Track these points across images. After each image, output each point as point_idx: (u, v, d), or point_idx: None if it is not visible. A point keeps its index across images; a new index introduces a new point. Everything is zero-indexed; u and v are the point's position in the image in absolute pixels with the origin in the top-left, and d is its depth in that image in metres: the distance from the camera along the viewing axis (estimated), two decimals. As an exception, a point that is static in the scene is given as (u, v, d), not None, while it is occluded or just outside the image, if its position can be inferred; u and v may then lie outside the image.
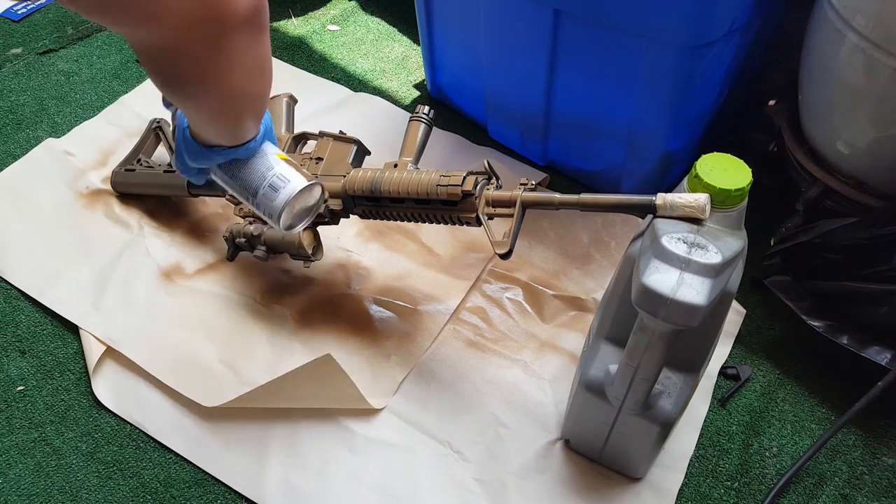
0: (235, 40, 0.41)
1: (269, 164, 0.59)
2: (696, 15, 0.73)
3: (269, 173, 0.59)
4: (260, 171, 0.59)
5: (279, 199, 0.59)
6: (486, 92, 1.00)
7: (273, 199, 0.59)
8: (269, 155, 0.60)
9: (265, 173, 0.59)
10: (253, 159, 0.59)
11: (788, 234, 0.81)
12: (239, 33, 0.40)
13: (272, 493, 0.71)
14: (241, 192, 0.61)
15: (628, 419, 0.63)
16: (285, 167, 0.60)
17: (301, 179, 0.60)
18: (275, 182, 0.59)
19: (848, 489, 0.73)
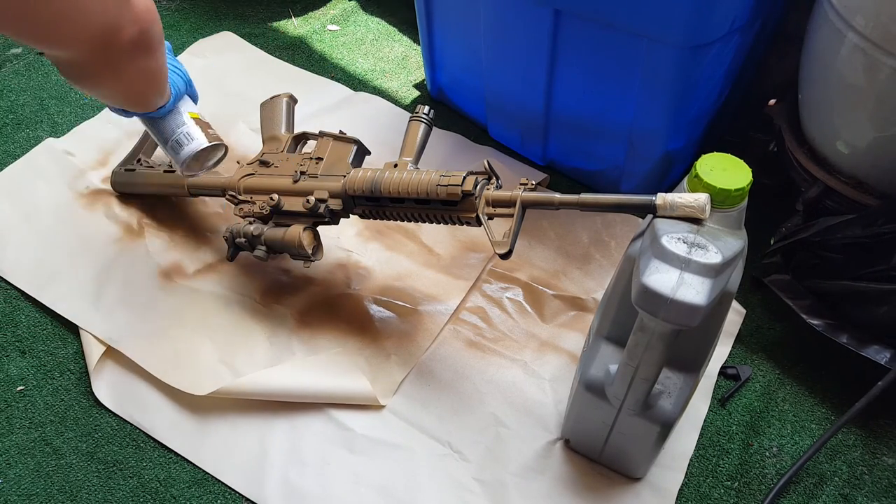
0: (125, 58, 0.56)
1: (178, 122, 0.74)
2: (696, 15, 0.73)
3: (177, 130, 0.73)
4: (170, 127, 0.73)
5: (183, 153, 0.74)
6: (486, 92, 1.00)
7: (178, 151, 0.74)
8: (181, 114, 0.74)
9: (174, 129, 0.73)
10: (166, 117, 0.73)
11: (788, 234, 0.81)
12: (127, 53, 0.55)
13: (272, 493, 0.71)
14: (158, 140, 0.75)
15: (628, 419, 0.63)
16: (192, 127, 0.74)
17: (202, 140, 0.74)
18: (180, 139, 0.74)
19: (848, 489, 0.73)
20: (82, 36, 0.50)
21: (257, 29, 1.24)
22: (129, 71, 0.58)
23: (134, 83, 0.62)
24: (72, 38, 0.49)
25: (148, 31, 0.56)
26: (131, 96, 0.66)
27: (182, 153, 0.74)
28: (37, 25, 0.46)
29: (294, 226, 0.76)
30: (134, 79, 0.60)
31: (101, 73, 0.57)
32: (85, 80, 0.58)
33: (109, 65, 0.55)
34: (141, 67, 0.59)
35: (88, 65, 0.55)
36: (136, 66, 0.58)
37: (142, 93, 0.66)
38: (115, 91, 0.63)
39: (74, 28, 0.48)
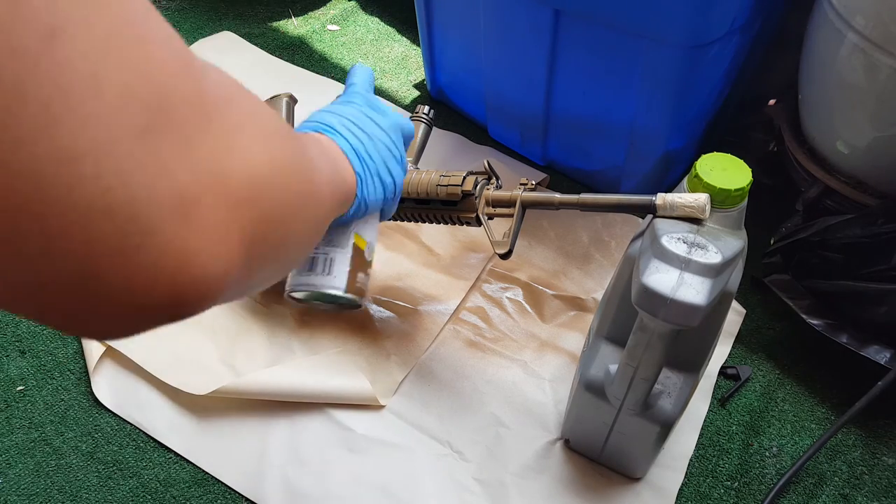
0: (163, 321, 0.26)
1: (334, 240, 0.52)
2: (696, 15, 0.73)
3: (322, 248, 0.51)
4: (325, 238, 0.51)
5: (301, 278, 0.52)
6: (486, 92, 1.00)
7: (300, 271, 0.52)
8: (346, 235, 0.52)
9: (320, 245, 0.51)
10: (335, 228, 0.51)
11: (788, 234, 0.81)
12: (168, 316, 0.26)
13: (272, 493, 0.71)
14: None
15: (628, 419, 0.63)
16: (342, 259, 0.52)
17: (337, 284, 0.51)
18: (317, 260, 0.51)
19: (848, 489, 0.73)
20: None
21: (257, 29, 1.24)
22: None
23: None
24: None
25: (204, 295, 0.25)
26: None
27: (301, 277, 0.52)
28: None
29: (294, 226, 0.75)
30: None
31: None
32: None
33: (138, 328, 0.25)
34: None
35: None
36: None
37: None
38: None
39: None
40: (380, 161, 0.48)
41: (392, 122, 0.51)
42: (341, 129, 0.46)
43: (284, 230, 0.29)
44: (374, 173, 0.47)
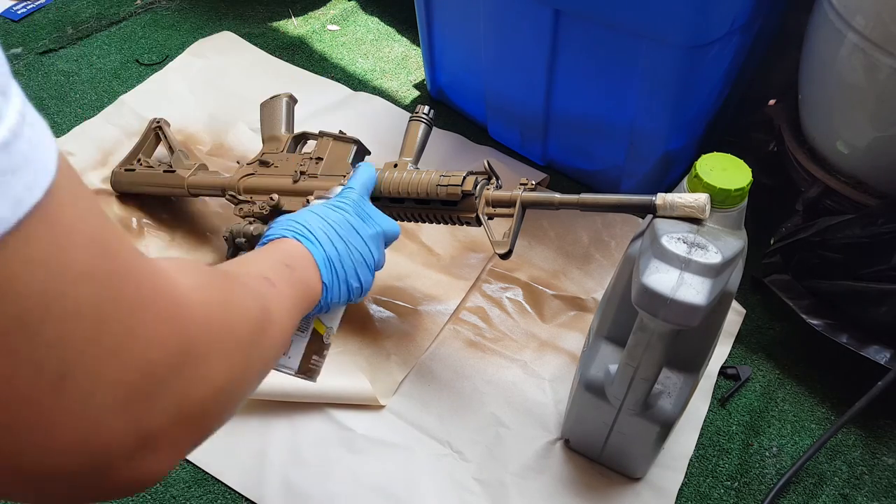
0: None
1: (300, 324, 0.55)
2: (696, 15, 0.73)
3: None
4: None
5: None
6: (486, 92, 1.00)
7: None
8: (306, 321, 0.56)
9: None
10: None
11: (788, 234, 0.81)
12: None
13: (272, 493, 0.71)
14: None
15: (628, 419, 0.63)
16: (297, 342, 0.56)
17: (290, 363, 0.56)
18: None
19: (848, 489, 0.73)
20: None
21: (257, 29, 1.24)
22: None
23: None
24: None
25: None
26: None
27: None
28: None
29: (294, 226, 0.76)
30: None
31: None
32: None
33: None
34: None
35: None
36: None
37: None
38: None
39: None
40: (350, 269, 0.52)
41: (375, 233, 0.56)
42: (321, 236, 0.51)
43: (237, 402, 0.33)
44: (342, 280, 0.52)
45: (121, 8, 1.26)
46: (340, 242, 0.52)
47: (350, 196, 0.58)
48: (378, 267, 0.57)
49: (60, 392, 0.22)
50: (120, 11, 1.25)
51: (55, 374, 0.21)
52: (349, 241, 0.53)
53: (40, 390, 0.21)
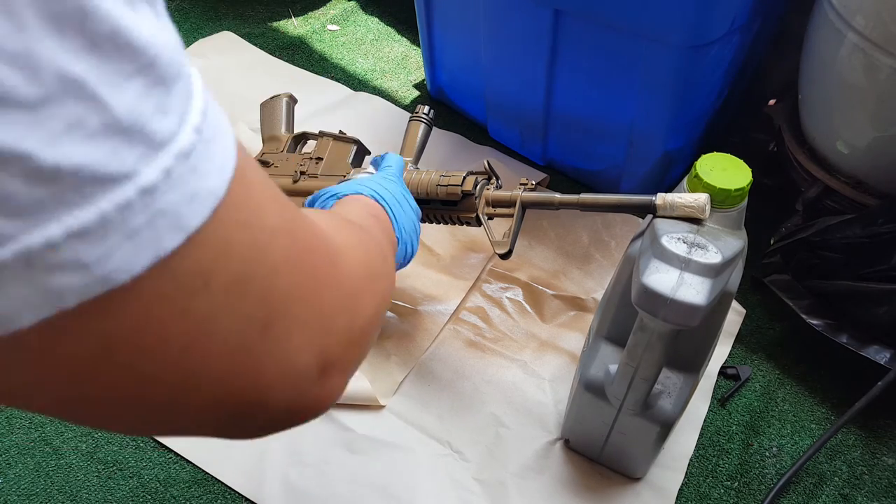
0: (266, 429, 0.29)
1: None
2: (696, 15, 0.73)
3: None
4: None
5: None
6: (486, 92, 1.00)
7: None
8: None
9: None
10: None
11: (788, 234, 0.81)
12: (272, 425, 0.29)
13: (272, 493, 0.71)
14: None
15: (628, 419, 0.63)
16: None
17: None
18: None
19: (848, 489, 0.73)
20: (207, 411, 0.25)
21: (257, 29, 1.24)
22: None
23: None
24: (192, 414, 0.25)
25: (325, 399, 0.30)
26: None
27: None
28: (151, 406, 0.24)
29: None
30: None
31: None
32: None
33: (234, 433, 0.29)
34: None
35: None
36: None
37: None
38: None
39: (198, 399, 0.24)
40: (408, 234, 0.57)
41: (415, 207, 0.61)
42: (391, 202, 0.56)
43: (379, 327, 0.37)
44: (406, 241, 0.57)
45: (121, 8, 1.25)
46: (399, 207, 0.56)
47: (395, 174, 0.62)
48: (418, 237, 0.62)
49: (266, 338, 0.24)
50: (120, 11, 1.25)
51: (261, 324, 0.24)
52: (405, 209, 0.57)
53: (252, 338, 0.24)
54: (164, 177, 0.19)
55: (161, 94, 0.19)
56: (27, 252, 0.17)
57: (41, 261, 0.17)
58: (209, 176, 0.21)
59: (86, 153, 0.17)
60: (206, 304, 0.22)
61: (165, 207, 0.19)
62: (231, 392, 0.24)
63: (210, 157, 0.21)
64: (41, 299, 0.18)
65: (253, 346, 0.24)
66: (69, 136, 0.17)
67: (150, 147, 0.18)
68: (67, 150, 0.17)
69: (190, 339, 0.22)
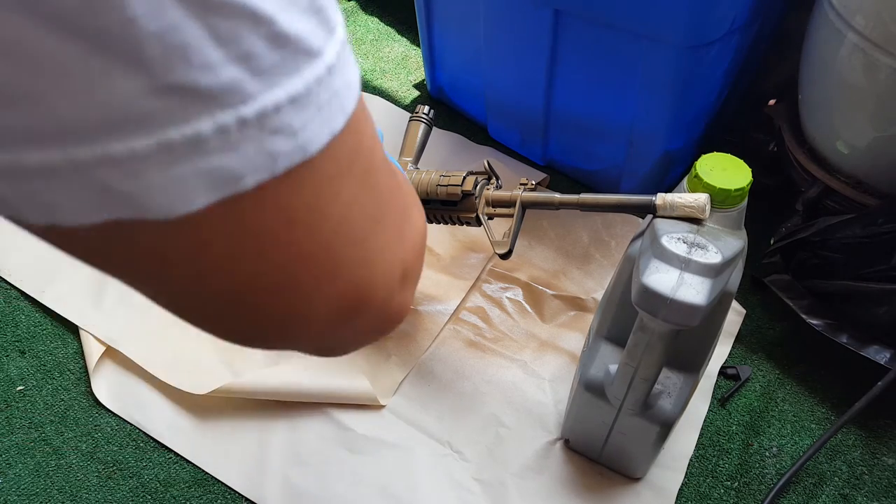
0: (361, 333, 0.31)
1: None
2: (696, 15, 0.72)
3: None
4: None
5: None
6: (486, 91, 1.00)
7: None
8: None
9: None
10: None
11: (788, 234, 0.81)
12: (372, 326, 0.30)
13: (272, 493, 0.71)
14: None
15: (628, 419, 0.63)
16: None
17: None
18: None
19: (848, 489, 0.73)
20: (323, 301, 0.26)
21: (257, 29, 1.24)
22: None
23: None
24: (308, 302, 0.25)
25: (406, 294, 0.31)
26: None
27: None
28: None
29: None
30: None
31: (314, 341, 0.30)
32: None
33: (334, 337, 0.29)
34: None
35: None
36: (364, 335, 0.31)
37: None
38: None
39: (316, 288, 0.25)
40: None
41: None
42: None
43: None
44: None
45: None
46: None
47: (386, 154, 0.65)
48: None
49: (377, 233, 0.26)
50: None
51: (375, 218, 0.26)
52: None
53: (371, 232, 0.26)
54: (336, 59, 0.21)
55: (314, 20, 0.20)
56: (263, 111, 0.18)
57: (269, 122, 0.19)
58: (352, 70, 0.22)
59: (302, 25, 0.19)
60: (350, 189, 0.23)
61: (337, 88, 0.21)
62: (354, 283, 0.25)
63: (349, 55, 0.22)
64: (262, 161, 0.19)
65: (371, 238, 0.25)
66: (291, 7, 0.19)
67: (328, 31, 0.20)
68: (294, 19, 0.19)
69: (337, 222, 0.23)
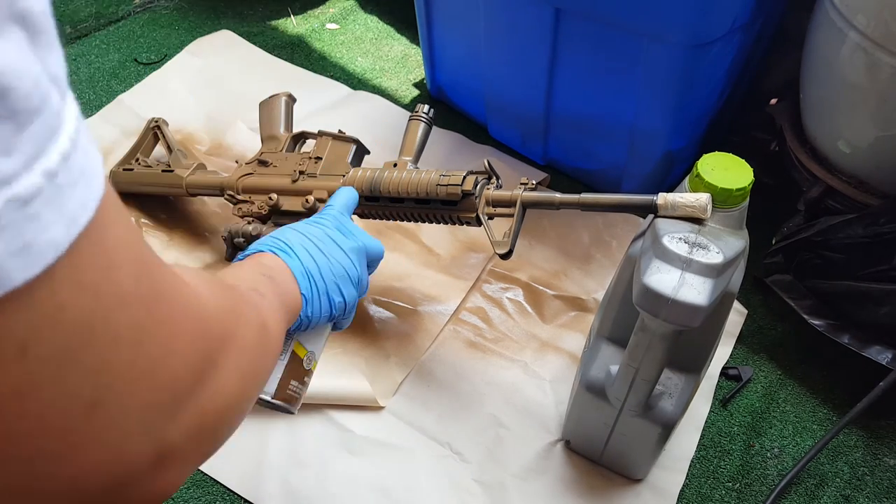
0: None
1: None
2: (698, 14, 0.72)
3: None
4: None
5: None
6: (487, 91, 1.00)
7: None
8: (286, 342, 0.51)
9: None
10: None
11: (790, 234, 0.81)
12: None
13: (271, 494, 0.70)
14: None
15: (629, 420, 0.62)
16: (277, 371, 0.51)
17: (265, 388, 0.50)
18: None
19: (849, 490, 0.72)
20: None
21: (256, 28, 1.23)
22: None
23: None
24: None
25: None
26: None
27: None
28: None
29: (293, 226, 0.75)
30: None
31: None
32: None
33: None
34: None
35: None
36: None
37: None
38: None
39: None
40: (331, 282, 0.50)
41: (356, 246, 0.54)
42: (298, 249, 0.49)
43: (245, 412, 0.33)
44: (322, 292, 0.49)
45: (119, 7, 1.25)
46: (319, 254, 0.50)
47: (330, 212, 0.57)
48: (362, 286, 0.55)
49: (91, 419, 0.21)
50: (118, 10, 1.24)
51: (89, 402, 0.21)
52: (329, 253, 0.51)
53: (74, 419, 0.20)
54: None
55: (7, 131, 0.16)
56: None
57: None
58: (52, 227, 0.18)
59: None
60: (20, 376, 0.18)
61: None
62: (42, 476, 0.21)
63: (60, 205, 0.18)
64: None
65: (74, 427, 0.20)
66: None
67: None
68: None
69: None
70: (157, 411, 0.23)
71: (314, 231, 0.53)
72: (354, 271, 0.53)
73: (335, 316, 0.52)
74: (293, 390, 0.53)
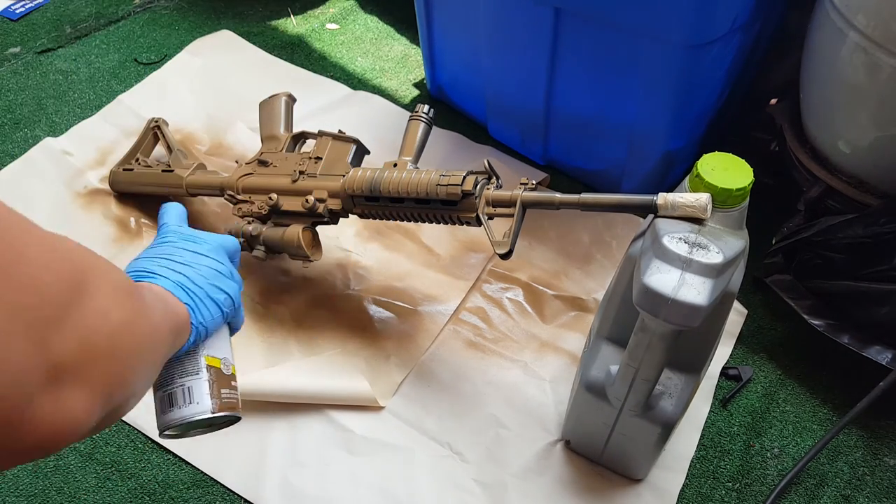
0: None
1: (186, 369, 0.51)
2: (698, 14, 0.72)
3: (177, 381, 0.50)
4: (171, 373, 0.50)
5: (168, 416, 0.50)
6: (486, 91, 1.00)
7: (164, 410, 0.51)
8: (197, 360, 0.51)
9: (174, 379, 0.50)
10: (172, 359, 0.49)
11: (790, 234, 0.81)
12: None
13: (271, 495, 0.70)
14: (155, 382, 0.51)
15: (629, 420, 0.62)
16: (200, 384, 0.51)
17: (203, 408, 0.50)
18: (175, 394, 0.50)
19: (849, 490, 0.72)
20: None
21: (256, 28, 1.23)
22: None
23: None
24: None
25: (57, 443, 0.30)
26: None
27: (167, 415, 0.50)
28: None
29: (293, 226, 0.75)
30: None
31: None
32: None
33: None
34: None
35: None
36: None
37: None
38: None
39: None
40: (206, 284, 0.50)
41: (211, 246, 0.54)
42: (160, 270, 0.49)
43: (133, 377, 0.34)
44: (203, 297, 0.49)
45: (119, 7, 1.25)
46: (182, 266, 0.50)
47: (167, 229, 0.56)
48: (236, 279, 0.55)
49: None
50: (118, 10, 1.24)
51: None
52: (190, 262, 0.51)
53: None
54: None
55: None
56: None
57: None
58: None
59: None
60: None
61: None
62: None
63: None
64: None
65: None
66: None
67: None
68: None
69: None
70: (31, 312, 0.24)
71: (164, 250, 0.52)
72: (223, 267, 0.53)
73: (226, 314, 0.52)
74: (227, 397, 0.53)
